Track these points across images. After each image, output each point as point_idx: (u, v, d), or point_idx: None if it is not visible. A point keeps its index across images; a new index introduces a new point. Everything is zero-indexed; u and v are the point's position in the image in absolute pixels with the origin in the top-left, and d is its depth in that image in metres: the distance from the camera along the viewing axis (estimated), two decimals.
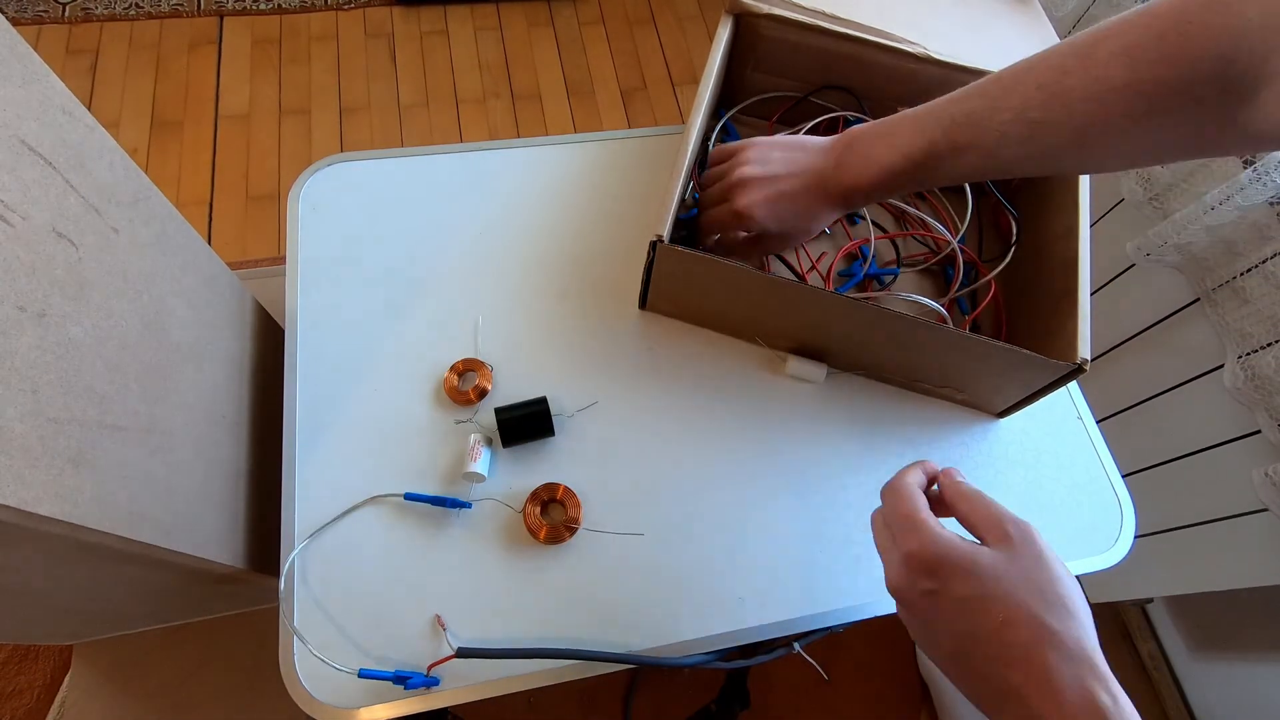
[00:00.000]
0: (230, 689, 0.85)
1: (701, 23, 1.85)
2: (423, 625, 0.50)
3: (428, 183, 0.68)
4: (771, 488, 0.57)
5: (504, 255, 0.65)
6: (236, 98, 1.55)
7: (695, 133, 0.58)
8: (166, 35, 1.61)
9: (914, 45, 0.62)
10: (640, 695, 1.04)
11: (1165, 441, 0.97)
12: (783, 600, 0.53)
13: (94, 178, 0.46)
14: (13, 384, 0.35)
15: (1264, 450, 0.83)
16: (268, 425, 0.70)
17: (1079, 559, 0.57)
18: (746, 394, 0.61)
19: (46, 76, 0.43)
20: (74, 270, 0.42)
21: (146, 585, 0.61)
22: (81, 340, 0.42)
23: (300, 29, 1.67)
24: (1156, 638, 1.18)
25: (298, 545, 0.51)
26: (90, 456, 0.41)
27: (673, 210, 0.54)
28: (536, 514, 0.54)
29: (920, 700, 1.14)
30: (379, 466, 0.55)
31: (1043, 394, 0.56)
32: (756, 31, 0.64)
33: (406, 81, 1.64)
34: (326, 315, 0.61)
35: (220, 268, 0.66)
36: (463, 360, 0.59)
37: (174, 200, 0.65)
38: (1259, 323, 0.80)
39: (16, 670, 0.94)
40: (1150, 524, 1.00)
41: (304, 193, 0.66)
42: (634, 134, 0.73)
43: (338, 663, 0.48)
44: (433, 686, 0.48)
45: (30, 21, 1.58)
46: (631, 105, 1.69)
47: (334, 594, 0.50)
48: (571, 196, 0.69)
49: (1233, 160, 0.81)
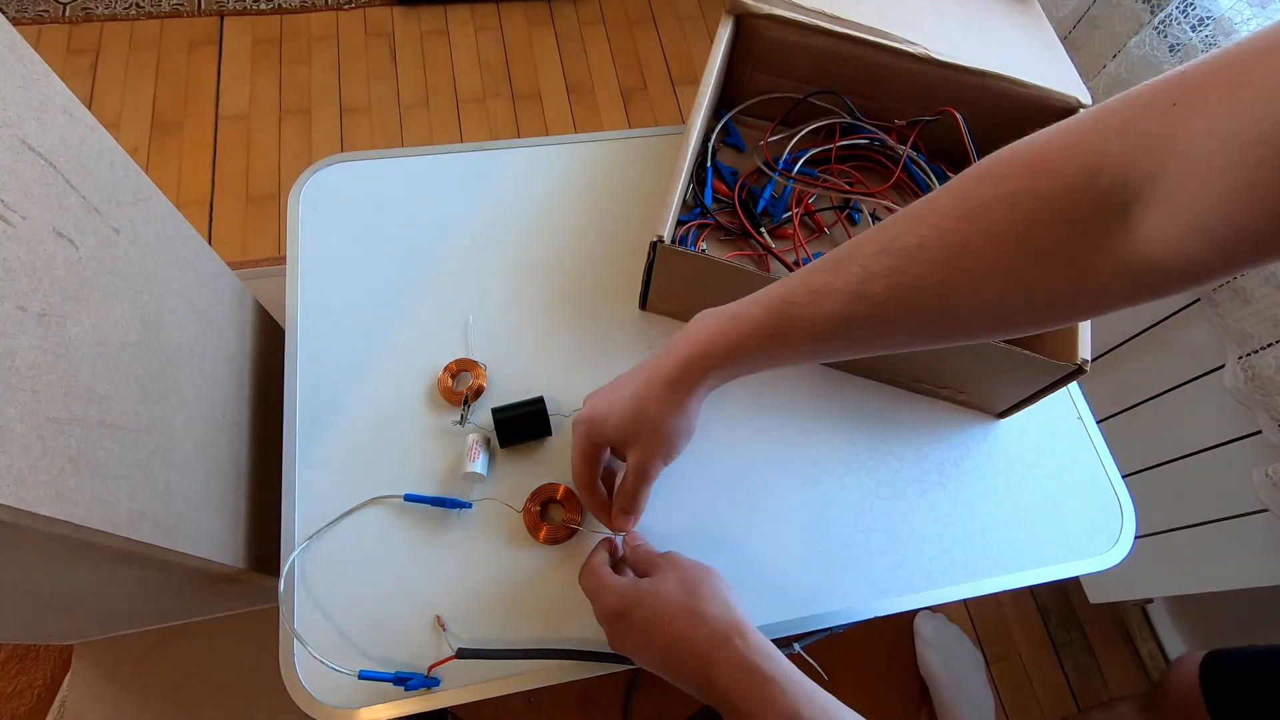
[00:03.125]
0: (230, 689, 0.85)
1: (701, 23, 1.85)
2: (423, 626, 0.50)
3: (428, 183, 0.68)
4: (772, 488, 0.57)
5: (504, 255, 0.65)
6: (237, 98, 1.55)
7: (696, 133, 0.58)
8: (167, 35, 1.61)
9: (914, 45, 0.62)
10: (640, 695, 1.04)
11: (1165, 442, 0.97)
12: (783, 600, 0.53)
13: (94, 178, 0.46)
14: (13, 384, 0.35)
15: (1264, 450, 0.83)
16: (268, 425, 0.70)
17: (1079, 559, 0.57)
18: (746, 394, 0.61)
19: (47, 76, 0.43)
20: (74, 270, 0.42)
21: (146, 585, 0.60)
22: (81, 340, 0.42)
23: (301, 29, 1.67)
24: (1156, 638, 1.18)
25: (297, 547, 0.51)
26: (90, 456, 0.41)
27: (673, 210, 0.54)
28: (536, 514, 0.54)
29: (920, 700, 1.14)
30: (380, 467, 0.55)
31: (1043, 394, 0.56)
32: (757, 32, 0.64)
33: (407, 81, 1.63)
34: (327, 315, 0.61)
35: (220, 267, 0.66)
36: (455, 361, 0.59)
37: (174, 200, 0.65)
38: (1259, 323, 0.80)
39: (16, 670, 0.94)
40: (1150, 524, 1.00)
41: (304, 193, 0.66)
42: (634, 134, 0.73)
43: (338, 664, 0.48)
44: (433, 688, 0.48)
45: (30, 21, 1.57)
46: (631, 105, 1.69)
47: (334, 595, 0.50)
48: (571, 196, 0.69)
49: None
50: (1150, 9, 0.93)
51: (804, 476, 0.58)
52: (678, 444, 0.46)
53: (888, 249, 0.37)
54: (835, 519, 0.57)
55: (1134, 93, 0.31)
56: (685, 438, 0.46)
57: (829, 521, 0.56)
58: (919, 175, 0.68)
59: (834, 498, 0.57)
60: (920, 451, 0.60)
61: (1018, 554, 0.57)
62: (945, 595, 0.55)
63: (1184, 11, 0.88)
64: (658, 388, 0.43)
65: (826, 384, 0.62)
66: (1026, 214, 0.34)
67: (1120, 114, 0.32)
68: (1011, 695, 1.17)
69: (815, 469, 0.58)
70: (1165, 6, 0.90)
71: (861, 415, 0.61)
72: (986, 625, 1.22)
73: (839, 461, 0.59)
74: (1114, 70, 0.97)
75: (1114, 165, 0.31)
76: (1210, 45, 0.87)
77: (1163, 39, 0.90)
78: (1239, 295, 0.82)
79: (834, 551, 0.55)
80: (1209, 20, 0.87)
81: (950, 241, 0.35)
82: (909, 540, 0.57)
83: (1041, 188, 0.33)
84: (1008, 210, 0.34)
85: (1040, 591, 1.25)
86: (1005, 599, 1.24)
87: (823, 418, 0.60)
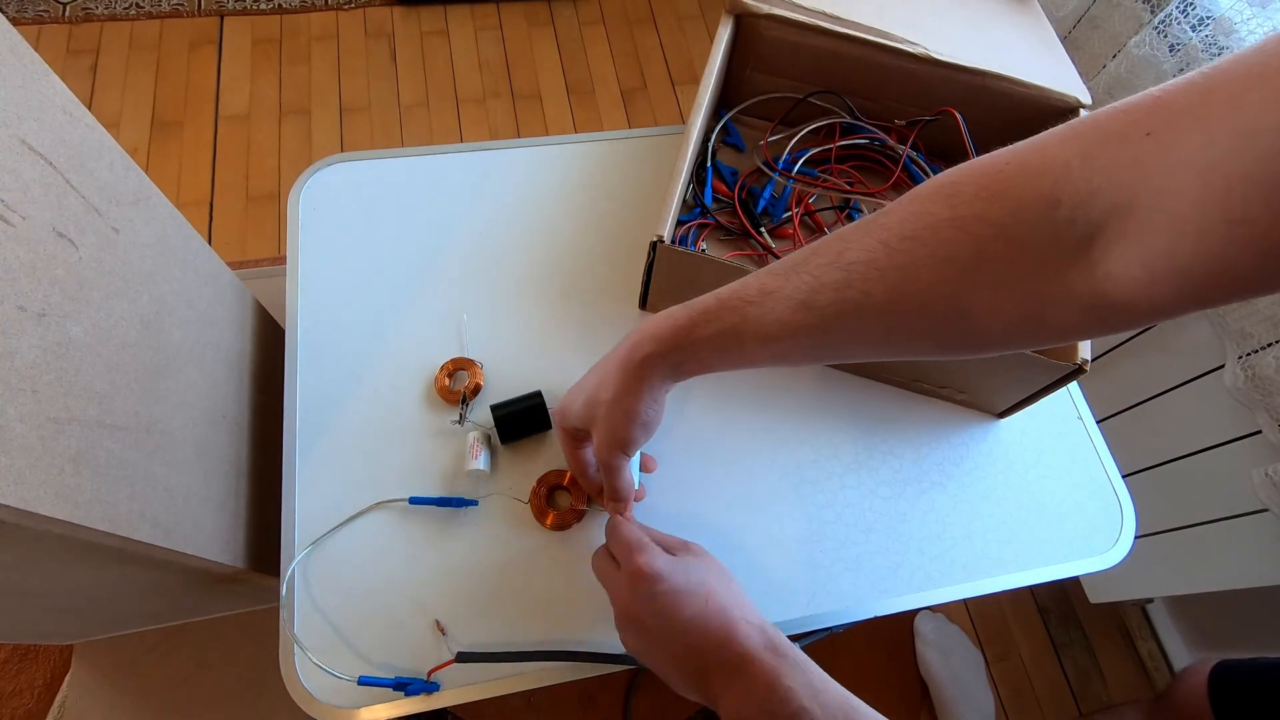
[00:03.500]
0: (230, 689, 0.85)
1: (701, 23, 1.85)
2: (424, 630, 0.50)
3: (428, 183, 0.68)
4: (771, 488, 0.57)
5: (505, 255, 0.65)
6: (237, 98, 1.55)
7: (696, 133, 0.58)
8: (167, 35, 1.61)
9: (914, 45, 0.62)
10: (640, 695, 1.04)
11: (1165, 441, 0.97)
12: (783, 601, 0.53)
13: (94, 178, 0.46)
14: (13, 384, 0.35)
15: (1264, 450, 0.83)
16: (268, 425, 0.70)
17: (1079, 559, 0.57)
18: (746, 394, 0.61)
19: (47, 76, 0.43)
20: (74, 270, 0.42)
21: (146, 585, 0.61)
22: (81, 340, 0.42)
23: (300, 29, 1.67)
24: (1156, 638, 1.18)
25: (299, 554, 0.51)
26: (90, 456, 0.41)
27: (673, 210, 0.54)
28: (544, 498, 0.54)
29: (920, 700, 1.14)
30: (380, 467, 0.55)
31: (1043, 394, 0.56)
32: (757, 32, 0.64)
33: (407, 81, 1.63)
34: (327, 315, 0.61)
35: (220, 267, 0.66)
36: (451, 360, 0.59)
37: (174, 200, 0.65)
38: (1259, 323, 0.80)
39: (16, 670, 0.94)
40: (1150, 524, 1.00)
41: (304, 193, 0.66)
42: (634, 134, 0.73)
43: (337, 670, 0.48)
44: (432, 692, 0.48)
45: (30, 21, 1.57)
46: (631, 105, 1.69)
47: (334, 600, 0.50)
48: (571, 196, 0.69)
49: None
50: (1150, 9, 0.93)
51: (804, 476, 0.58)
52: (632, 431, 0.43)
53: (837, 262, 0.36)
54: (835, 519, 0.57)
55: (1104, 116, 0.29)
56: (640, 427, 0.43)
57: (829, 521, 0.56)
58: (919, 175, 0.68)
59: (834, 498, 0.57)
60: (920, 451, 0.60)
61: (1018, 554, 0.57)
62: (945, 595, 0.55)
63: (1184, 11, 0.88)
64: (611, 374, 0.43)
65: (826, 384, 0.62)
66: (974, 240, 0.32)
67: (1086, 139, 0.29)
68: (1011, 695, 1.17)
69: (815, 469, 0.58)
70: (1165, 6, 0.90)
71: (861, 415, 0.61)
72: (986, 625, 1.22)
73: (839, 461, 0.59)
74: (1114, 70, 0.97)
75: (1075, 196, 0.28)
76: (1210, 45, 0.87)
77: (1163, 39, 0.90)
78: None
79: (834, 551, 0.56)
80: (1209, 20, 0.87)
81: (898, 261, 0.34)
82: (909, 540, 0.57)
83: (994, 215, 0.31)
84: (955, 234, 0.32)
85: (1040, 591, 1.25)
86: (1005, 599, 1.24)
87: (823, 418, 0.60)
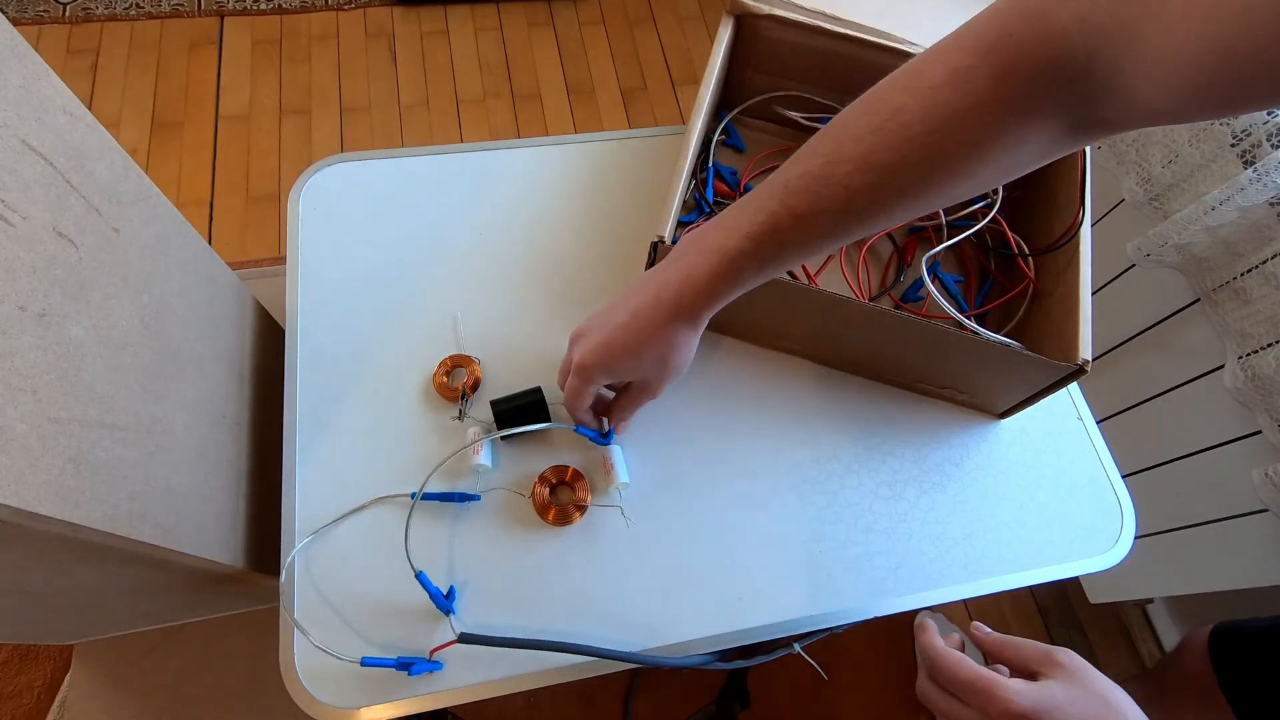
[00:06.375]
0: (230, 689, 0.85)
1: (701, 23, 1.85)
2: (425, 616, 0.50)
3: (428, 183, 0.68)
4: (772, 488, 0.57)
5: (505, 255, 0.65)
6: (237, 98, 1.55)
7: (696, 133, 0.58)
8: (167, 35, 1.61)
9: (914, 45, 0.62)
10: (640, 695, 1.04)
11: (1165, 442, 0.97)
12: (783, 601, 0.53)
13: (94, 178, 0.46)
14: (13, 384, 0.35)
15: (1264, 450, 0.83)
16: (268, 425, 0.70)
17: (1079, 559, 0.57)
18: (746, 394, 0.61)
19: (47, 76, 0.43)
20: (74, 270, 0.42)
21: (146, 585, 0.61)
22: (81, 340, 0.42)
23: (300, 29, 1.67)
24: (1156, 638, 1.18)
25: (299, 542, 0.51)
26: (90, 456, 0.41)
27: (674, 211, 0.54)
28: (546, 495, 0.54)
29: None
30: (381, 463, 0.55)
31: (1043, 395, 0.56)
32: (757, 32, 0.64)
33: (407, 81, 1.63)
34: (327, 315, 0.61)
35: (220, 267, 0.66)
36: (450, 357, 0.59)
37: (174, 200, 0.65)
38: (1259, 323, 0.80)
39: (16, 670, 0.94)
40: (1150, 524, 1.00)
41: (304, 193, 0.66)
42: (634, 134, 0.73)
43: (339, 651, 0.48)
44: (436, 671, 0.48)
45: (30, 21, 1.57)
46: (632, 105, 1.69)
47: (334, 586, 0.50)
48: (571, 196, 0.69)
49: (1233, 160, 0.81)
50: None
51: (804, 476, 0.58)
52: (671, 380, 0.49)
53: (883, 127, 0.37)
54: (835, 519, 0.57)
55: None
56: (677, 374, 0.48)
57: (829, 521, 0.56)
58: None
59: (834, 498, 0.57)
60: (920, 452, 0.60)
61: (1018, 554, 0.57)
62: (945, 595, 0.55)
63: None
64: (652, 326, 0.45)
65: (826, 384, 0.62)
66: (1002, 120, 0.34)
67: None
68: None
69: (815, 469, 0.58)
70: None
71: (861, 415, 0.61)
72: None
73: (839, 461, 0.59)
74: None
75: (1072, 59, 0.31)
76: None
77: None
78: (1239, 295, 0.82)
79: (834, 551, 0.55)
80: None
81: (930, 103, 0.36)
82: (909, 540, 0.57)
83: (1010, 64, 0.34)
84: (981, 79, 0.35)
85: (1040, 591, 1.25)
86: (1005, 599, 1.24)
87: (823, 418, 0.60)
